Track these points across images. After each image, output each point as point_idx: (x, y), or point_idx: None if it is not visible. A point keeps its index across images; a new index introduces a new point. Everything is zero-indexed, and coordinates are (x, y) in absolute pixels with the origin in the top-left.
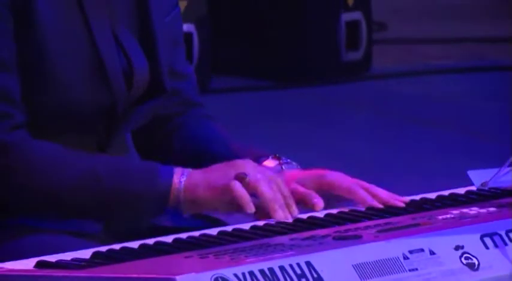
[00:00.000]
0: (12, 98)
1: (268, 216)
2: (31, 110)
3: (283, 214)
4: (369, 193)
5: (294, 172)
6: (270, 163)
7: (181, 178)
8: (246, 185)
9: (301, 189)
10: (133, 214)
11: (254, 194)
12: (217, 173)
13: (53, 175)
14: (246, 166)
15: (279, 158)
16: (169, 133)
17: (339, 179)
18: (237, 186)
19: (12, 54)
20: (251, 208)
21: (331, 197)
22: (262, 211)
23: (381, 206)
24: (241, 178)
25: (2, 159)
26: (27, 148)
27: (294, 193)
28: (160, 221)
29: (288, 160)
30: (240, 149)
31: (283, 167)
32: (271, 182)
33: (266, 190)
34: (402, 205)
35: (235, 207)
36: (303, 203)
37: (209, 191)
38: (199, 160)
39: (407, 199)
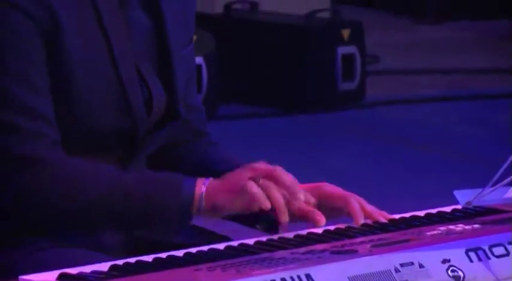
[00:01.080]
0: (48, 119)
1: (272, 228)
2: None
3: (288, 218)
4: (360, 206)
5: (302, 186)
6: None
7: (202, 187)
8: (254, 180)
9: (305, 207)
10: (160, 223)
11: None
12: (234, 177)
13: (87, 188)
14: (261, 166)
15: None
16: (179, 158)
17: (335, 190)
18: (253, 186)
19: (45, 81)
20: (267, 205)
21: (327, 209)
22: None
23: (361, 221)
24: (254, 180)
25: (42, 173)
26: (64, 163)
27: (299, 209)
28: (172, 238)
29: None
30: (240, 166)
31: None
32: (278, 185)
33: (276, 194)
34: (385, 221)
35: (252, 206)
36: (306, 219)
37: (227, 195)
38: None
39: (392, 216)
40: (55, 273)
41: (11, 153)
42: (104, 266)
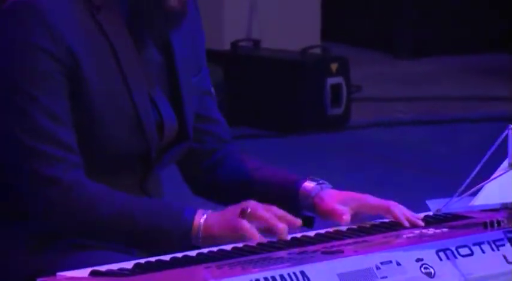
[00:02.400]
0: (68, 145)
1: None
2: (82, 154)
3: (281, 225)
4: (401, 212)
5: (333, 191)
6: (309, 183)
7: (201, 219)
8: (248, 216)
9: (337, 206)
10: (159, 247)
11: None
12: (229, 213)
13: (99, 209)
14: (249, 202)
15: (315, 180)
16: (213, 168)
17: (377, 201)
18: (244, 225)
19: (67, 112)
20: (257, 239)
21: (365, 216)
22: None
23: (407, 224)
24: (244, 211)
25: (64, 192)
26: (82, 185)
27: (334, 212)
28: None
29: (323, 181)
30: (279, 173)
31: (322, 187)
32: (266, 208)
33: (263, 213)
34: (422, 223)
35: (243, 239)
36: (334, 218)
37: (223, 230)
38: (244, 187)
39: (421, 215)
40: (87, 270)
41: (39, 175)
42: (129, 265)
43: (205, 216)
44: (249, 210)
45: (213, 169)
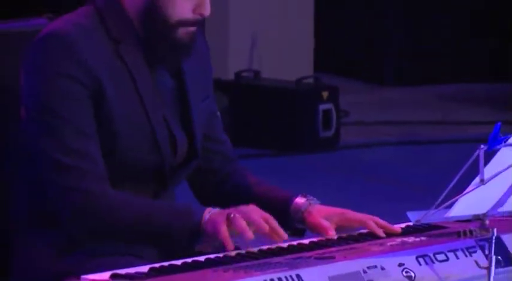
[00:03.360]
0: (94, 159)
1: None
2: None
3: (250, 233)
4: (377, 224)
5: (320, 207)
6: (300, 199)
7: (207, 215)
8: (230, 220)
9: (324, 222)
10: (174, 243)
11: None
12: (220, 216)
13: (123, 214)
14: (240, 208)
15: (306, 196)
16: (220, 184)
17: (355, 216)
18: (222, 232)
19: (93, 129)
20: (230, 247)
21: (346, 228)
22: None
23: (383, 234)
24: (228, 216)
25: (90, 201)
26: (107, 195)
27: (318, 224)
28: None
29: (312, 197)
30: (274, 190)
31: (310, 202)
32: (242, 212)
33: (238, 223)
34: (399, 231)
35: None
36: (321, 233)
37: (212, 231)
38: (244, 201)
39: (403, 225)
40: (108, 273)
41: (69, 186)
42: (145, 269)
43: (210, 213)
44: (232, 215)
45: (220, 185)
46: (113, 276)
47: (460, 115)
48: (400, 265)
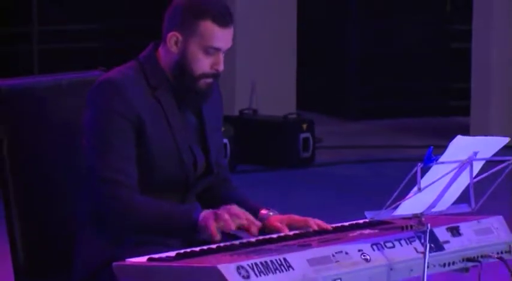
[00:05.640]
0: (131, 176)
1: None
2: (141, 182)
3: (232, 224)
4: (315, 223)
5: (277, 216)
6: (264, 211)
7: (201, 215)
8: (217, 216)
9: (278, 225)
10: (180, 233)
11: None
12: (208, 214)
13: (142, 214)
14: (225, 206)
15: (268, 209)
16: (214, 197)
17: (299, 218)
18: (210, 226)
19: (133, 154)
20: (216, 238)
21: (294, 227)
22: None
23: (316, 228)
24: (216, 213)
25: (123, 205)
26: (138, 202)
27: (274, 227)
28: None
29: (272, 209)
30: (249, 203)
31: (271, 213)
32: (226, 208)
33: (223, 217)
34: (330, 228)
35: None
36: (276, 231)
37: (204, 225)
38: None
39: (331, 225)
40: (145, 257)
41: (112, 195)
42: (172, 253)
43: (203, 213)
44: (218, 212)
45: (213, 197)
46: (149, 259)
47: (403, 141)
48: (359, 250)
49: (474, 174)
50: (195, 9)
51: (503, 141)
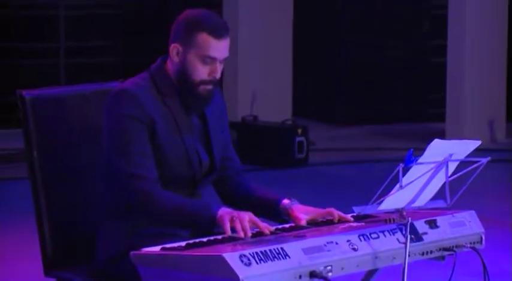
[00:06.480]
0: (151, 170)
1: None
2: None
3: (241, 234)
4: (337, 214)
5: (299, 206)
6: (286, 201)
7: (219, 211)
8: (232, 220)
9: (299, 215)
10: (200, 227)
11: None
12: (226, 214)
13: (167, 205)
14: (240, 213)
15: (290, 199)
16: (232, 187)
17: (323, 211)
18: (225, 225)
19: (150, 151)
20: (228, 234)
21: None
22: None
23: (337, 219)
24: (232, 216)
25: (148, 198)
26: (159, 193)
27: (298, 219)
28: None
29: (294, 199)
30: (268, 193)
31: (292, 202)
32: (239, 218)
33: (235, 223)
34: (351, 219)
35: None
36: (296, 222)
37: (221, 222)
38: (247, 199)
39: (349, 216)
40: (159, 247)
41: (135, 187)
42: (183, 243)
43: (221, 209)
44: (234, 218)
45: (233, 188)
46: (162, 249)
47: (386, 144)
48: (348, 240)
49: (449, 173)
50: (193, 23)
51: (475, 144)
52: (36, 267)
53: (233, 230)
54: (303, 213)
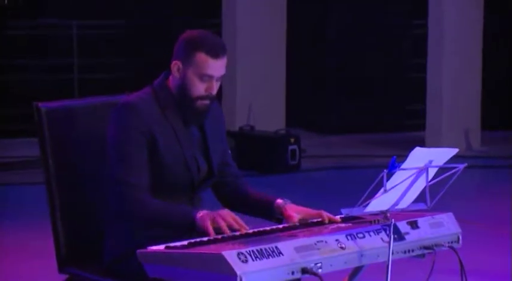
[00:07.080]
0: (144, 179)
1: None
2: (155, 185)
3: (227, 230)
4: (326, 216)
5: (291, 206)
6: (279, 200)
7: (198, 214)
8: (213, 220)
9: (292, 215)
10: (180, 230)
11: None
12: (206, 216)
13: (156, 212)
14: (219, 211)
15: (283, 199)
16: (231, 191)
17: (314, 211)
18: (207, 226)
19: (146, 162)
20: (212, 236)
21: (305, 218)
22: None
23: (326, 221)
24: (212, 216)
25: (137, 203)
26: (149, 201)
27: (290, 217)
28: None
29: (287, 200)
30: (264, 195)
31: (286, 202)
32: (220, 215)
33: (218, 221)
34: (340, 220)
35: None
36: (290, 221)
37: (201, 225)
38: (245, 201)
39: (337, 218)
40: (163, 245)
41: (128, 195)
42: (185, 242)
43: (201, 213)
44: (214, 217)
45: (231, 192)
46: (166, 247)
47: (372, 151)
48: (337, 240)
49: (429, 178)
50: (192, 42)
51: (453, 151)
52: (51, 264)
53: (218, 230)
54: (295, 212)
